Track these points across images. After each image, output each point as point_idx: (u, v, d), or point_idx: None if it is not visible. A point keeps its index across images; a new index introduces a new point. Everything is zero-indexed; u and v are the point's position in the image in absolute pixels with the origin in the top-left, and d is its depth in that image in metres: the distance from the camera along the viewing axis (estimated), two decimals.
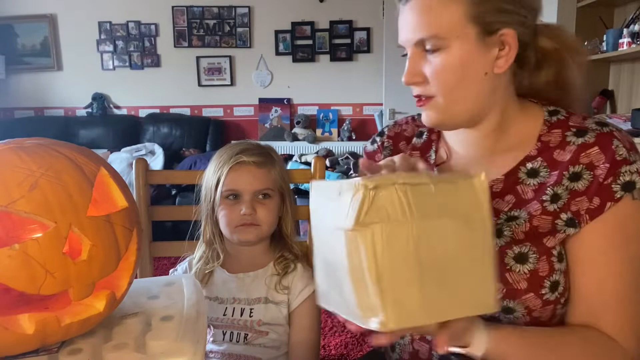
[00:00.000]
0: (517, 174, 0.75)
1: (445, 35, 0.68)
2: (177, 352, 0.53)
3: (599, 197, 0.67)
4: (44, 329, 0.52)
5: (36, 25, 4.22)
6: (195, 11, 4.17)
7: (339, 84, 4.21)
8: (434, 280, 0.49)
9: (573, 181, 0.70)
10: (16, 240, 0.49)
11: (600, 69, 2.78)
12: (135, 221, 0.61)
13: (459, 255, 0.51)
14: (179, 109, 4.30)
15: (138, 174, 1.15)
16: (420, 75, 0.72)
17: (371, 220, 0.47)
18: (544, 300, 0.68)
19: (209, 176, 0.99)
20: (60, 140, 0.60)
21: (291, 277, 0.98)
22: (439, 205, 0.50)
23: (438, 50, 0.69)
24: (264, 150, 1.01)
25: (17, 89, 4.31)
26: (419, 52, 0.71)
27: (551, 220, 0.70)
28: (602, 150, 0.68)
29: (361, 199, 0.47)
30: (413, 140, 0.90)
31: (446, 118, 0.74)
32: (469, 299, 0.52)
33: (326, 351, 2.02)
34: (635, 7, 2.50)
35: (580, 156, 0.70)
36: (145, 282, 0.76)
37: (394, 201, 0.48)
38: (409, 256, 0.48)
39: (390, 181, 0.48)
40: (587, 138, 0.70)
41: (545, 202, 0.71)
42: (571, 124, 0.73)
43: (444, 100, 0.72)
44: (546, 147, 0.73)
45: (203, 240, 1.03)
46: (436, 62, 0.70)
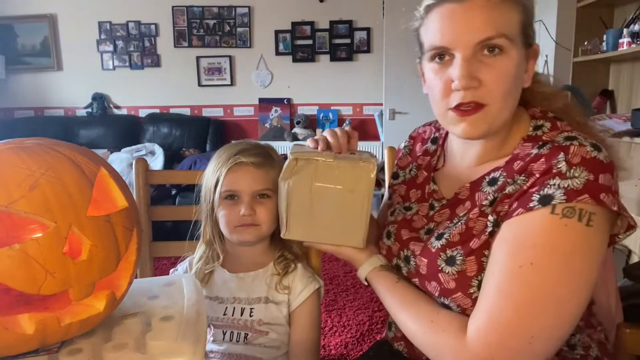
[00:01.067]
0: (481, 183, 0.75)
1: (512, 37, 0.67)
2: (177, 352, 0.53)
3: (518, 202, 0.66)
4: (44, 329, 0.52)
5: (36, 25, 4.22)
6: (195, 11, 4.17)
7: (339, 84, 4.21)
8: (321, 218, 0.81)
9: (510, 186, 0.69)
10: (16, 240, 0.49)
11: (600, 69, 2.78)
12: (135, 221, 0.61)
13: (341, 208, 0.80)
14: (179, 109, 4.30)
15: (138, 174, 1.15)
16: (477, 80, 0.67)
17: (289, 176, 0.80)
18: (473, 298, 0.68)
19: (208, 176, 0.99)
20: (60, 140, 0.60)
21: (291, 277, 0.99)
22: (335, 176, 0.79)
23: (501, 53, 0.67)
24: (263, 150, 1.01)
25: (17, 89, 4.31)
26: (474, 55, 0.67)
27: (484, 222, 0.70)
28: (546, 160, 0.66)
29: (287, 163, 0.80)
30: (427, 145, 0.93)
31: (490, 129, 0.71)
32: (344, 235, 0.82)
33: (326, 351, 2.02)
34: (635, 7, 2.50)
35: (528, 165, 0.68)
36: (145, 282, 0.76)
37: (307, 168, 0.79)
38: (306, 200, 0.80)
39: (310, 156, 0.79)
40: (544, 150, 0.68)
41: (484, 206, 0.71)
42: (544, 138, 0.71)
43: (497, 108, 0.69)
44: (513, 159, 0.72)
45: (203, 240, 1.03)
46: (498, 65, 0.67)
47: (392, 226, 0.87)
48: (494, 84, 0.67)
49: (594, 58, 2.60)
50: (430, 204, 0.84)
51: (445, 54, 0.70)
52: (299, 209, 0.81)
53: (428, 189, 0.85)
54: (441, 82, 0.71)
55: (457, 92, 0.69)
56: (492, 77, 0.67)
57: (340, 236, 0.83)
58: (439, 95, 0.72)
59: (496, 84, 0.67)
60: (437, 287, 0.72)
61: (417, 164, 0.92)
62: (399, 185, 0.94)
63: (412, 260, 0.78)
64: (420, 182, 0.89)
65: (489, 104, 0.68)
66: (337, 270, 2.85)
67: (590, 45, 2.63)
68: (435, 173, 0.87)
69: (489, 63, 0.67)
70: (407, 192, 0.90)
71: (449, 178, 0.84)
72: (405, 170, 0.94)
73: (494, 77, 0.67)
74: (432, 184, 0.85)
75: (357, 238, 0.82)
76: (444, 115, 0.73)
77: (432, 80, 0.73)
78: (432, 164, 0.88)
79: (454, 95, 0.70)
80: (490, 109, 0.69)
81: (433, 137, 0.93)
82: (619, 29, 2.46)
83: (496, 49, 0.67)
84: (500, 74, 0.67)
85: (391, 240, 0.85)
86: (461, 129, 0.71)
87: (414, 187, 0.90)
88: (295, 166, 0.79)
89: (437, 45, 0.70)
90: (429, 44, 0.72)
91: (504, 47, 0.67)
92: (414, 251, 0.78)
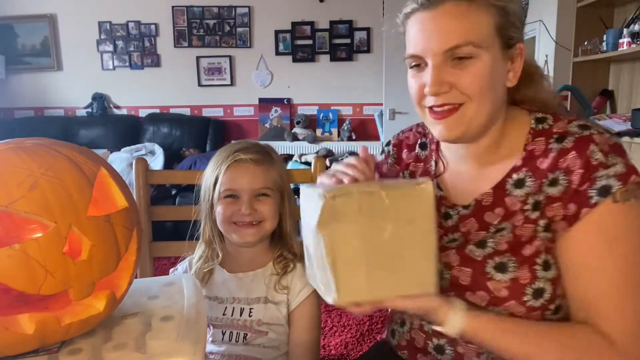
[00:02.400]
0: (504, 186, 0.75)
1: (480, 44, 0.68)
2: (177, 352, 0.53)
3: (575, 204, 0.67)
4: (44, 329, 0.52)
5: (36, 25, 4.22)
6: (195, 11, 4.17)
7: (339, 84, 4.21)
8: (379, 267, 0.62)
9: (550, 186, 0.70)
10: (16, 240, 0.49)
11: (600, 69, 2.77)
12: (135, 221, 0.61)
13: (401, 247, 0.63)
14: (179, 109, 4.30)
15: (138, 174, 1.15)
16: (447, 85, 0.70)
17: (328, 222, 0.61)
18: (528, 306, 0.69)
19: (208, 175, 0.99)
20: (60, 140, 0.60)
21: (290, 277, 0.98)
22: (386, 209, 0.62)
23: (470, 59, 0.69)
24: (263, 148, 1.00)
25: (17, 89, 4.31)
26: (444, 61, 0.69)
27: (533, 227, 0.70)
28: (579, 154, 0.68)
29: (322, 204, 0.61)
30: (416, 151, 0.91)
31: (467, 130, 0.72)
32: (410, 282, 0.64)
33: (326, 351, 2.02)
34: (635, 7, 2.50)
35: (558, 162, 0.69)
36: (145, 282, 0.76)
37: (347, 206, 0.61)
38: (356, 249, 0.62)
39: (347, 191, 0.62)
40: (566, 143, 0.70)
41: (527, 211, 0.71)
42: (555, 130, 0.73)
43: (472, 107, 0.70)
44: (531, 156, 0.73)
45: (202, 239, 1.03)
46: (469, 70, 0.69)
47: None
48: (465, 85, 0.69)
49: (594, 58, 2.60)
50: (444, 212, 0.81)
51: (419, 62, 0.73)
52: (348, 264, 0.62)
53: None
54: (416, 86, 0.74)
55: (430, 97, 0.72)
56: (463, 80, 0.69)
57: (406, 284, 0.64)
58: (416, 98, 0.76)
59: (468, 85, 0.69)
60: (485, 297, 0.71)
61: (409, 171, 0.90)
62: None
63: (446, 273, 0.75)
64: None
65: (464, 103, 0.70)
66: None
67: (590, 45, 2.62)
68: (437, 179, 0.85)
69: (460, 68, 0.69)
70: None
71: (455, 183, 0.83)
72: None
73: (465, 80, 0.69)
74: (437, 190, 0.83)
75: (427, 281, 0.64)
76: (424, 116, 0.77)
77: (411, 85, 0.76)
78: (430, 170, 0.87)
79: (428, 98, 0.73)
80: (465, 109, 0.70)
81: (421, 143, 0.91)
82: (619, 29, 2.46)
83: (464, 58, 0.69)
84: (472, 77, 0.69)
85: None
86: (438, 132, 0.74)
87: None
88: (333, 206, 0.61)
89: (411, 53, 0.73)
90: (407, 52, 0.75)
91: (472, 54, 0.68)
92: (450, 263, 0.75)
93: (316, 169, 1.11)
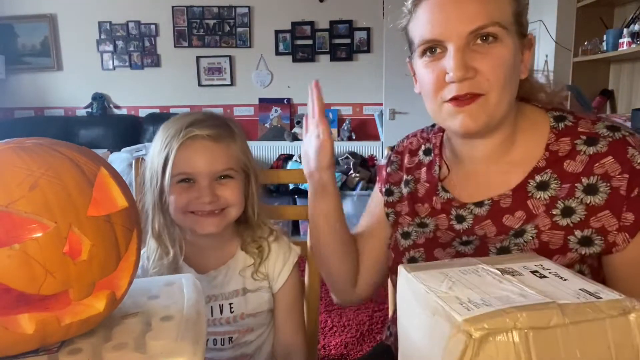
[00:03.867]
0: (525, 187, 0.70)
1: (505, 25, 0.64)
2: (177, 352, 0.53)
3: (632, 212, 0.63)
4: (44, 329, 0.52)
5: (36, 25, 4.22)
6: (195, 11, 4.17)
7: (339, 84, 4.20)
8: None
9: (589, 194, 0.66)
10: (16, 240, 0.49)
11: (600, 69, 2.77)
12: (135, 221, 0.61)
13: None
14: (179, 109, 4.29)
15: (138, 174, 1.14)
16: (472, 70, 0.64)
17: None
18: None
19: (154, 155, 0.82)
20: (60, 140, 0.60)
21: (267, 263, 0.90)
22: (571, 354, 0.38)
23: (495, 41, 0.64)
24: (221, 120, 0.85)
25: (17, 89, 4.31)
26: (467, 45, 0.64)
27: (563, 235, 0.66)
28: (617, 159, 0.64)
29: (462, 349, 0.37)
30: (420, 157, 0.87)
31: (490, 120, 0.67)
32: None
33: (326, 351, 2.02)
34: (635, 7, 2.50)
35: (594, 167, 0.66)
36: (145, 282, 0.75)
37: (507, 353, 0.37)
38: None
39: (507, 322, 0.37)
40: (600, 147, 0.66)
41: (556, 216, 0.67)
42: (580, 130, 0.69)
43: (496, 97, 0.65)
44: (555, 158, 0.69)
45: (151, 234, 0.86)
46: (493, 53, 0.64)
47: (415, 251, 0.79)
48: (490, 72, 0.64)
49: (594, 58, 2.60)
50: (456, 215, 0.76)
51: (437, 47, 0.67)
52: None
53: (440, 200, 0.79)
54: (434, 75, 0.67)
55: (452, 85, 0.65)
56: (488, 65, 0.64)
57: None
58: (432, 90, 0.68)
59: (493, 72, 0.64)
60: None
61: (413, 177, 0.86)
62: (398, 202, 0.86)
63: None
64: (422, 195, 0.82)
65: (486, 93, 0.65)
66: None
67: (590, 45, 2.63)
68: (443, 182, 0.81)
69: (484, 52, 0.64)
70: (413, 208, 0.83)
71: (464, 183, 0.78)
72: (399, 186, 0.88)
73: (490, 65, 0.64)
74: (444, 193, 0.79)
75: None
76: (439, 111, 0.70)
77: (424, 76, 0.69)
78: (435, 175, 0.82)
79: (449, 88, 0.66)
80: (488, 98, 0.65)
81: (425, 149, 0.87)
82: (619, 29, 2.46)
83: (490, 37, 0.64)
84: (496, 62, 0.65)
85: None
86: (460, 122, 0.67)
87: (418, 201, 0.83)
88: (479, 350, 0.37)
89: (428, 38, 0.67)
90: (420, 38, 0.68)
91: (498, 35, 0.64)
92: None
93: None
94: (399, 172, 0.89)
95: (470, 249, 0.74)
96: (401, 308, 0.51)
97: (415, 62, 0.72)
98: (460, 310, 0.39)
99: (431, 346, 0.42)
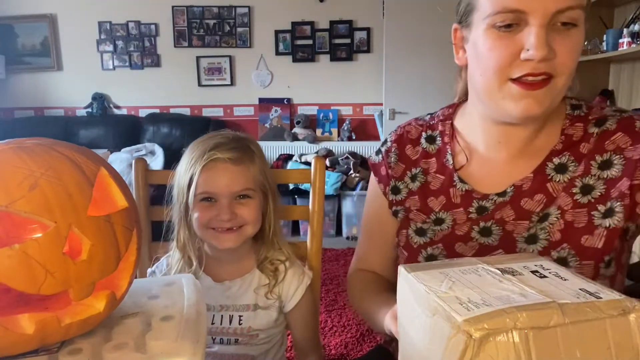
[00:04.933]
0: (544, 170, 0.71)
1: (586, 10, 0.64)
2: (177, 352, 0.53)
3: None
4: (44, 329, 0.52)
5: (36, 25, 4.21)
6: (195, 11, 4.17)
7: (339, 84, 4.20)
8: None
9: (604, 169, 0.67)
10: (16, 240, 0.49)
11: (600, 69, 2.78)
12: (135, 221, 0.61)
13: None
14: (179, 109, 4.30)
15: (137, 174, 1.14)
16: (553, 51, 0.62)
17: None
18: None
19: (181, 174, 0.89)
20: (60, 140, 0.60)
21: (282, 285, 0.94)
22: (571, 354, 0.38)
23: (574, 27, 0.63)
24: (242, 143, 0.90)
25: (17, 89, 4.31)
26: (550, 24, 0.62)
27: (586, 212, 0.67)
28: (627, 133, 0.66)
29: (462, 349, 0.37)
30: (423, 145, 0.83)
31: (552, 105, 0.66)
32: None
33: (326, 351, 2.02)
34: (635, 7, 2.50)
35: (605, 144, 0.68)
36: (145, 282, 0.76)
37: (507, 353, 0.37)
38: None
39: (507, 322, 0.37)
40: (609, 125, 0.69)
41: (576, 194, 0.68)
42: (591, 117, 0.71)
43: (563, 82, 0.64)
44: (570, 141, 0.71)
45: (177, 246, 0.94)
46: (572, 37, 0.63)
47: (433, 248, 0.75)
48: (567, 56, 0.62)
49: (594, 58, 2.60)
50: (477, 207, 0.74)
51: (515, 21, 0.62)
52: None
53: (458, 192, 0.76)
54: (507, 50, 0.63)
55: (527, 63, 0.62)
56: (566, 49, 0.62)
57: None
58: (498, 64, 0.64)
59: (569, 57, 0.63)
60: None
61: (421, 168, 0.81)
62: (407, 198, 0.81)
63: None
64: (437, 187, 0.79)
65: (557, 77, 0.63)
66: (337, 270, 2.85)
67: (590, 45, 2.62)
68: (458, 172, 0.77)
69: (564, 35, 0.62)
70: (425, 203, 0.79)
71: (485, 172, 0.75)
72: (403, 180, 0.83)
73: (568, 49, 0.62)
74: (462, 184, 0.76)
75: None
76: (499, 89, 0.65)
77: (492, 49, 0.64)
78: (447, 165, 0.78)
79: (523, 65, 0.63)
80: (556, 82, 0.64)
81: (427, 136, 0.83)
82: (619, 29, 2.46)
83: (570, 23, 0.63)
84: (573, 47, 0.63)
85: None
86: (523, 105, 0.64)
87: (431, 195, 0.79)
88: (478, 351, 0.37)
89: (511, 7, 0.61)
90: (499, 5, 0.62)
91: (578, 20, 0.63)
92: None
93: (316, 169, 1.11)
94: (399, 164, 0.84)
95: (494, 240, 0.72)
96: (401, 308, 0.52)
97: (477, 31, 0.66)
98: (460, 310, 0.39)
99: (431, 346, 0.42)
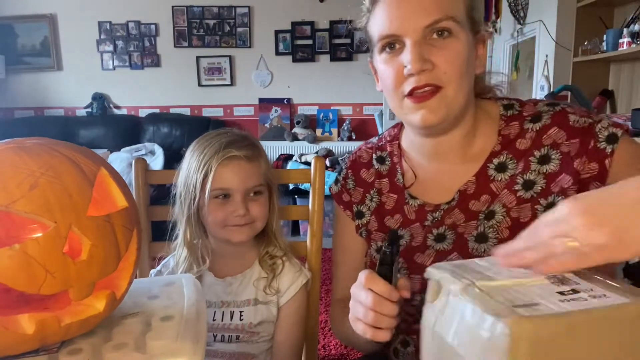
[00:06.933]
0: (486, 172, 0.74)
1: (459, 20, 0.67)
2: (177, 352, 0.53)
3: (595, 162, 0.67)
4: (44, 329, 0.52)
5: (36, 25, 4.22)
6: (195, 11, 4.17)
7: (339, 84, 4.21)
8: None
9: (543, 164, 0.70)
10: (16, 240, 0.49)
11: (600, 69, 2.77)
12: (135, 221, 0.61)
13: None
14: (179, 109, 4.30)
15: (137, 173, 1.14)
16: (429, 62, 0.66)
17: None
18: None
19: (191, 172, 0.89)
20: (60, 140, 0.60)
21: (280, 279, 0.96)
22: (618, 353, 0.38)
23: (450, 36, 0.67)
24: (251, 141, 0.93)
25: (17, 89, 4.31)
26: (424, 39, 0.67)
27: (530, 206, 0.70)
28: (562, 128, 0.70)
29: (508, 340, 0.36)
30: (375, 166, 0.86)
31: (448, 113, 0.69)
32: None
33: (326, 351, 2.02)
34: (635, 7, 2.50)
35: (542, 139, 0.71)
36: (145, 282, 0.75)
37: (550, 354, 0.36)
38: None
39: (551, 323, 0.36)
40: (544, 121, 0.72)
41: (519, 191, 0.72)
42: (525, 114, 0.74)
43: (453, 90, 0.68)
44: (507, 140, 0.74)
45: (184, 243, 0.95)
46: (449, 47, 0.67)
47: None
48: (447, 65, 0.66)
49: (594, 58, 2.60)
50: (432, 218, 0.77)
51: (395, 43, 0.69)
52: None
53: (412, 208, 0.80)
54: (393, 70, 0.69)
55: (411, 78, 0.67)
56: (444, 58, 0.66)
57: None
58: (392, 85, 0.70)
59: (449, 65, 0.66)
60: None
61: (375, 189, 0.85)
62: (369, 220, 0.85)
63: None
64: (392, 206, 0.82)
65: (444, 86, 0.67)
66: None
67: (590, 45, 2.62)
68: (409, 189, 0.81)
69: (440, 46, 0.67)
70: (382, 222, 0.83)
71: (433, 184, 0.79)
72: (365, 203, 0.86)
73: (446, 58, 0.66)
74: (413, 200, 0.79)
75: None
76: (400, 106, 0.71)
77: (384, 72, 0.71)
78: (398, 183, 0.82)
79: (408, 81, 0.68)
80: (446, 91, 0.67)
81: (378, 157, 0.86)
82: (619, 29, 2.46)
83: (445, 32, 0.67)
84: (452, 55, 0.67)
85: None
86: (420, 116, 0.69)
87: (387, 214, 0.83)
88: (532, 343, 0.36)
89: (385, 33, 0.69)
90: (379, 35, 0.70)
91: (452, 29, 0.67)
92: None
93: (316, 169, 1.11)
94: (357, 189, 0.87)
95: (447, 244, 0.76)
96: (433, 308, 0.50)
97: (376, 59, 0.74)
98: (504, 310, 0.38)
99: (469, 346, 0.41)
